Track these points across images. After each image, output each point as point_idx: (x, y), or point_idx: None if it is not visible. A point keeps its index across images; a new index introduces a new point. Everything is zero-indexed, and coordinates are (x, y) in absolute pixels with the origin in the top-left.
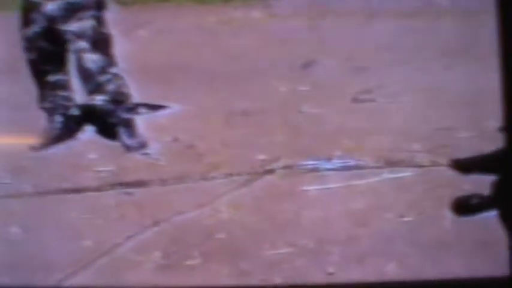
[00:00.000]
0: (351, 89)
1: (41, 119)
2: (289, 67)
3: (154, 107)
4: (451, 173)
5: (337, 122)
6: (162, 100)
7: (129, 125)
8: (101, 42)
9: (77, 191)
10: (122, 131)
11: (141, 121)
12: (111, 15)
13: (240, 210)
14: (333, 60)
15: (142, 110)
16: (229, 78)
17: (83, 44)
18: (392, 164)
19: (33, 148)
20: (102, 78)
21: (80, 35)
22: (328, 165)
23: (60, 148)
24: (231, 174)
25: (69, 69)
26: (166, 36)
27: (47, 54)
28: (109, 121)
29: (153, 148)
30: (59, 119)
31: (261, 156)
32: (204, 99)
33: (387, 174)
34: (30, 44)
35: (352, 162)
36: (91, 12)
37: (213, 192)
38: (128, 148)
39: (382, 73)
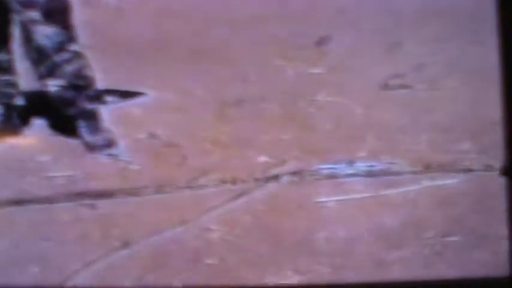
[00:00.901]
0: (378, 72)
1: None
2: (298, 43)
3: (125, 95)
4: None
5: (361, 115)
6: (135, 85)
7: (92, 117)
8: (56, 12)
9: (22, 202)
10: (82, 126)
11: (108, 112)
12: None
13: (235, 228)
14: (355, 35)
15: (109, 98)
16: (221, 57)
17: (32, 13)
18: (433, 168)
19: None
20: (58, 57)
21: (28, 3)
22: (350, 170)
23: (1, 147)
24: (223, 182)
25: (13, 46)
26: (140, 3)
27: None
28: (66, 113)
29: (122, 147)
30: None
31: (262, 159)
32: (188, 85)
33: (427, 182)
34: None
35: (380, 167)
36: None
37: (201, 205)
38: (91, 147)
39: (420, 51)
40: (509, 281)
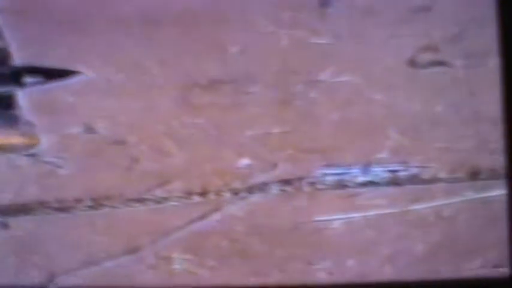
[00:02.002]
0: (403, 44)
1: None
2: (296, 2)
3: (51, 74)
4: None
5: (380, 101)
6: (65, 62)
7: (5, 105)
8: None
9: None
10: None
11: (27, 98)
12: None
13: (205, 257)
14: None
15: (29, 78)
16: (188, 22)
17: None
18: (479, 175)
19: None
20: None
21: None
22: (364, 177)
23: None
24: (189, 193)
25: None
26: None
27: None
28: None
29: (47, 146)
30: None
31: (244, 161)
32: (140, 61)
33: (471, 193)
34: None
35: (407, 172)
36: None
37: (158, 225)
38: (3, 145)
39: (458, 16)
40: (510, 281)
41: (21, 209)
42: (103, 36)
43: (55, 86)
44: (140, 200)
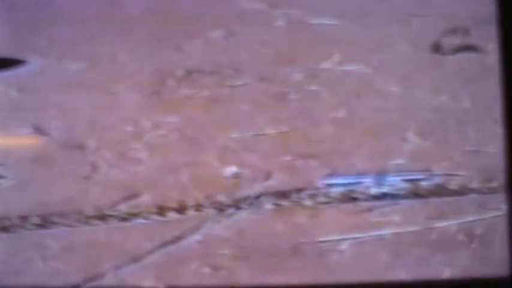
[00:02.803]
0: (425, 27)
1: None
2: None
3: None
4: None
5: (398, 95)
6: (12, 49)
7: None
8: None
9: None
10: None
11: None
12: None
13: (182, 286)
14: None
15: None
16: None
17: None
18: None
19: None
20: None
21: None
22: (379, 188)
23: None
24: (161, 209)
25: None
26: None
27: None
28: None
29: None
30: None
31: (230, 169)
32: (102, 47)
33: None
34: None
35: (431, 182)
36: None
37: (123, 248)
38: None
39: None
40: (510, 281)
41: None
42: (56, 18)
43: None
44: (101, 217)
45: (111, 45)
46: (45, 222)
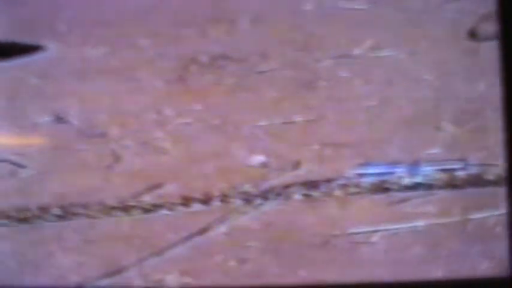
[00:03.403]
0: (462, 11)
1: None
2: None
3: (11, 49)
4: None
5: (432, 82)
6: (28, 34)
7: None
8: None
9: None
10: None
11: None
12: None
13: (208, 281)
14: None
15: None
16: None
17: None
18: None
19: None
20: None
21: None
22: (413, 178)
23: None
24: (186, 200)
25: None
26: None
27: None
28: None
29: (7, 140)
30: None
31: (257, 159)
32: (124, 32)
33: None
34: None
35: (467, 171)
36: None
37: (147, 240)
38: None
39: None
40: (510, 281)
41: None
42: (75, 2)
43: (14, 64)
44: (124, 208)
45: (132, 30)
46: (66, 214)
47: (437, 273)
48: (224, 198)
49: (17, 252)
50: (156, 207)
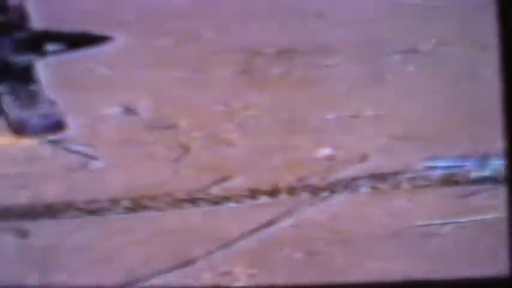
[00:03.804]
0: None
1: None
2: None
3: (80, 40)
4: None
5: (498, 76)
6: (97, 25)
7: (24, 79)
8: None
9: None
10: (6, 93)
11: (51, 70)
12: None
13: (275, 272)
14: None
15: (52, 45)
16: None
17: None
18: None
19: None
20: None
21: None
22: (481, 171)
23: None
24: (253, 192)
25: None
26: None
27: None
28: None
29: (76, 130)
30: None
31: (324, 151)
32: (191, 23)
33: None
34: None
35: None
36: None
37: (214, 233)
38: (20, 129)
39: None
40: (510, 281)
41: (43, 212)
42: None
43: (83, 55)
44: (192, 201)
45: (198, 22)
46: (135, 206)
47: (505, 266)
48: (291, 190)
49: (87, 244)
50: (223, 199)
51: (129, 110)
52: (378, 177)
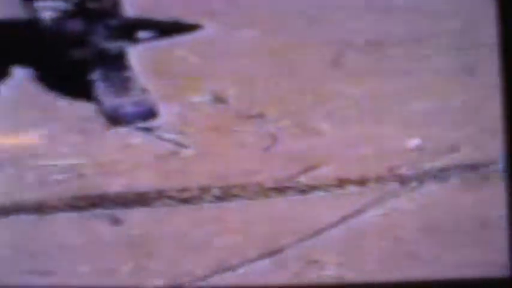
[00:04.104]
0: None
1: None
2: None
3: (171, 28)
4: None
5: None
6: (185, 13)
7: (115, 66)
8: None
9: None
10: (98, 80)
11: (142, 58)
12: None
13: (363, 262)
14: None
15: (144, 33)
16: None
17: None
18: None
19: None
20: None
21: None
22: None
23: None
24: (341, 181)
25: None
26: None
27: None
28: (69, 57)
29: (167, 118)
30: None
31: (414, 141)
32: (281, 13)
33: None
34: None
35: None
36: None
37: (303, 222)
38: (112, 117)
39: None
40: (509, 281)
41: (136, 200)
42: None
43: (174, 43)
44: (281, 189)
45: (288, 13)
46: (225, 194)
47: None
48: (380, 180)
49: (179, 233)
50: (312, 188)
51: (218, 99)
52: (467, 167)
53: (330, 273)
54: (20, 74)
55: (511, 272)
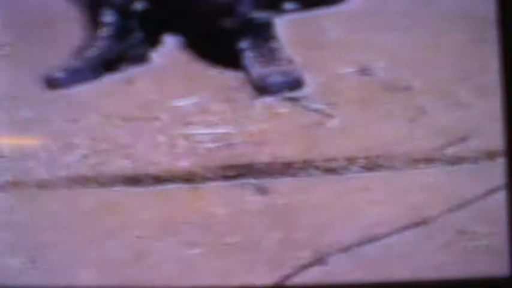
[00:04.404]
0: None
1: None
2: None
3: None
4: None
5: None
6: None
7: (262, 36)
8: None
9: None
10: (245, 49)
11: (287, 29)
12: None
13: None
14: None
15: (290, 4)
16: None
17: None
18: None
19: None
20: None
21: None
22: None
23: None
24: (490, 154)
25: None
26: None
27: None
28: (216, 26)
29: (313, 89)
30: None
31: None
32: None
33: None
34: None
35: None
36: None
37: (451, 193)
38: (259, 86)
39: None
40: (510, 281)
41: (282, 170)
42: None
43: (320, 14)
44: (428, 161)
45: None
46: (371, 165)
47: None
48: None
49: (325, 203)
50: (459, 160)
51: (364, 70)
52: None
53: (478, 244)
54: (171, 43)
55: (511, 272)
